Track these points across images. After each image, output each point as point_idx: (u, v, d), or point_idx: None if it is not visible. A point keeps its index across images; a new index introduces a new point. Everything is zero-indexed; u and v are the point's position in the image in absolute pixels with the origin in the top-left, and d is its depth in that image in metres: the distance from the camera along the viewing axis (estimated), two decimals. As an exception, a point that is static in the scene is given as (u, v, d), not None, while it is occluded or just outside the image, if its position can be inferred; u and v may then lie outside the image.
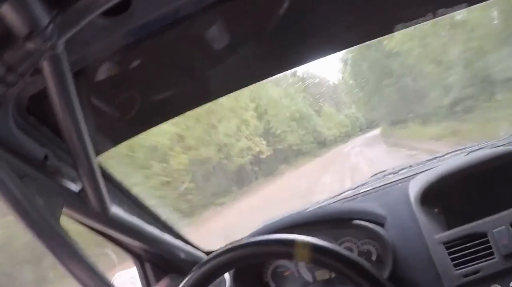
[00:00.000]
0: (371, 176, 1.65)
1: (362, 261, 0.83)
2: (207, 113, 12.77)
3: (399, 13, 0.97)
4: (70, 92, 0.74)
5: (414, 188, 1.28)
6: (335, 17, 0.96)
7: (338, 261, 0.81)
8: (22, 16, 0.57)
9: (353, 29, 1.03)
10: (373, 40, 1.09)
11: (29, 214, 0.73)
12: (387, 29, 1.03)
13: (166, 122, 1.11)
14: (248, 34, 0.97)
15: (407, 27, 1.02)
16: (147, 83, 1.00)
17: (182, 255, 1.23)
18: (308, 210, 1.46)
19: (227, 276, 1.34)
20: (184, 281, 0.85)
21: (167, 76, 1.01)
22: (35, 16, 0.58)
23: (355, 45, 1.09)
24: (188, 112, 1.13)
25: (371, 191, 1.49)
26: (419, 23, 1.01)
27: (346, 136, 26.68)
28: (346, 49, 1.12)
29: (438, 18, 1.02)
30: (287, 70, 1.10)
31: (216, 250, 0.88)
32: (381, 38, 1.08)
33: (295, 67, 1.10)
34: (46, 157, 0.86)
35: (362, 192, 1.50)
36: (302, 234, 0.80)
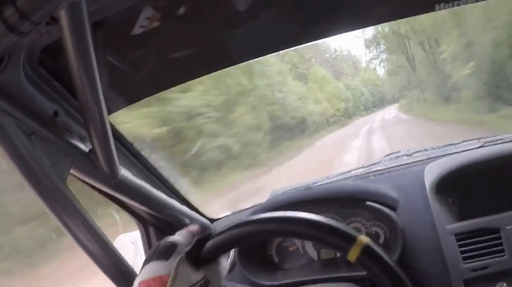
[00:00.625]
0: (385, 156, 1.61)
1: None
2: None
3: None
4: (88, 44, 0.69)
5: (430, 175, 1.24)
6: None
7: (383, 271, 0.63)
8: None
9: (387, 4, 0.97)
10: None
11: (35, 174, 0.70)
12: (427, 7, 0.96)
13: (185, 83, 1.07)
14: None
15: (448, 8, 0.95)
16: (167, 41, 0.94)
17: (187, 222, 1.20)
18: (318, 185, 1.42)
19: None
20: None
21: (189, 35, 0.95)
22: None
23: (390, 20, 1.06)
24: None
25: (384, 171, 1.45)
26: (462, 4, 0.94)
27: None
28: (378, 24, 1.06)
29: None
30: (314, 40, 1.06)
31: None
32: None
33: (324, 38, 1.05)
34: (56, 113, 0.81)
35: (374, 171, 1.46)
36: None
